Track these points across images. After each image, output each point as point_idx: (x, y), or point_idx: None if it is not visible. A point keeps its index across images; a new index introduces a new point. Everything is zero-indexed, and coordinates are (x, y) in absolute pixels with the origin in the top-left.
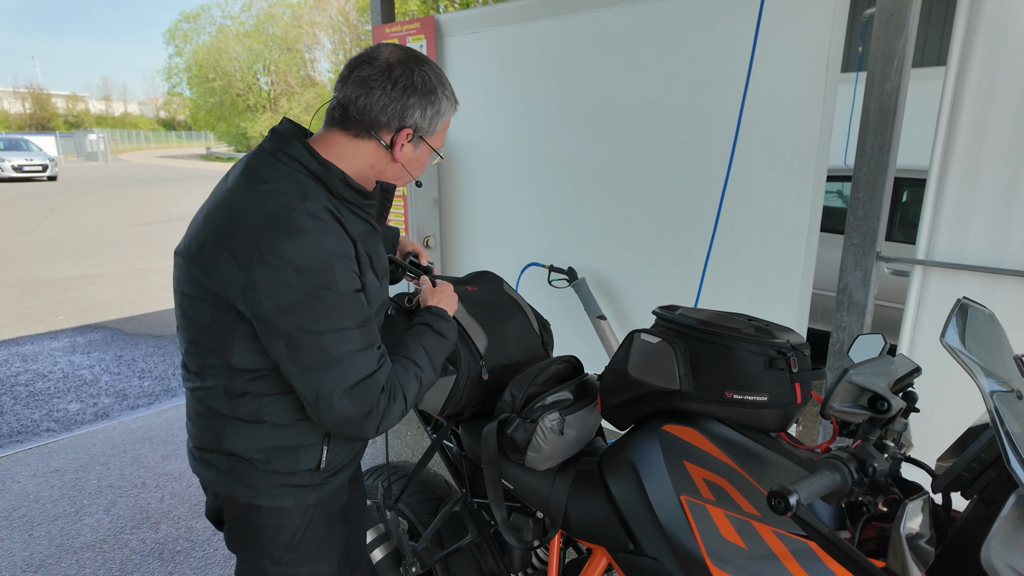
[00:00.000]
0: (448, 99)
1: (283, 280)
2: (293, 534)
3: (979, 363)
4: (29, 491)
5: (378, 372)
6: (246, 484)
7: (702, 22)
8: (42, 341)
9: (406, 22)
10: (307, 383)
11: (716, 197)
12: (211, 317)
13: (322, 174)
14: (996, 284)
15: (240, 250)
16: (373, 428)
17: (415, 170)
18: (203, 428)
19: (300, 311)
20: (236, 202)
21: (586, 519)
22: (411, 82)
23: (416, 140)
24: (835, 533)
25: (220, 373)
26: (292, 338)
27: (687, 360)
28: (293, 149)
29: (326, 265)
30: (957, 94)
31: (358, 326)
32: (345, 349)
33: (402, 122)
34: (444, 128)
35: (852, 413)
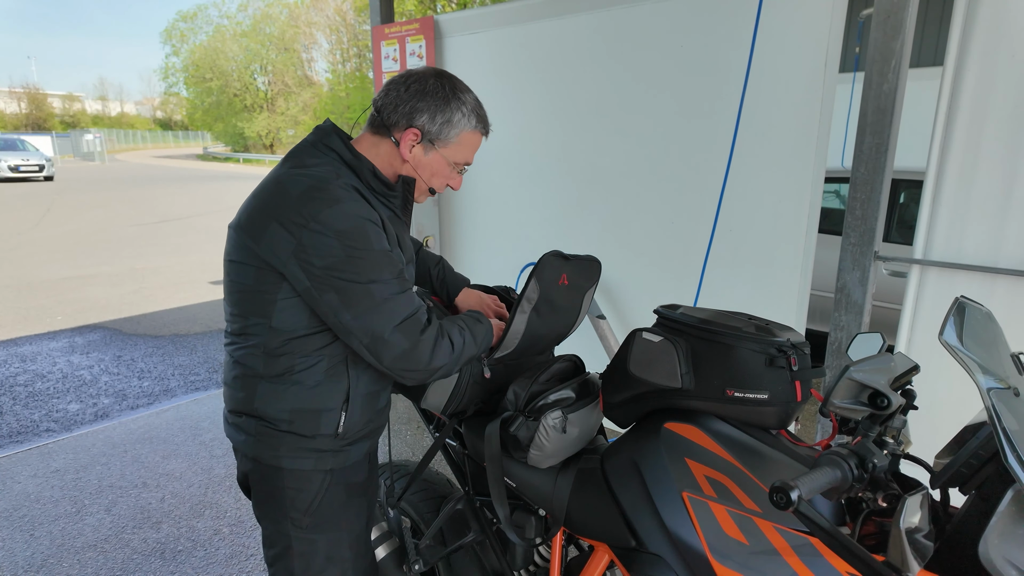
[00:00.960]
0: (465, 114)
1: (327, 243)
2: (312, 498)
3: (977, 361)
4: (30, 491)
5: (420, 311)
6: (270, 446)
7: (700, 23)
8: (41, 342)
9: (405, 23)
10: (361, 326)
11: (715, 197)
12: (255, 280)
13: (354, 164)
14: (992, 283)
15: (287, 218)
16: (425, 358)
17: (427, 176)
18: (238, 389)
19: (345, 268)
20: (281, 180)
21: (588, 516)
22: (424, 88)
23: (426, 144)
24: (836, 528)
25: (262, 332)
26: (342, 290)
27: (688, 358)
28: (331, 141)
29: (360, 229)
30: (954, 95)
31: (395, 277)
32: (387, 293)
33: (409, 122)
34: (464, 143)
35: (852, 409)
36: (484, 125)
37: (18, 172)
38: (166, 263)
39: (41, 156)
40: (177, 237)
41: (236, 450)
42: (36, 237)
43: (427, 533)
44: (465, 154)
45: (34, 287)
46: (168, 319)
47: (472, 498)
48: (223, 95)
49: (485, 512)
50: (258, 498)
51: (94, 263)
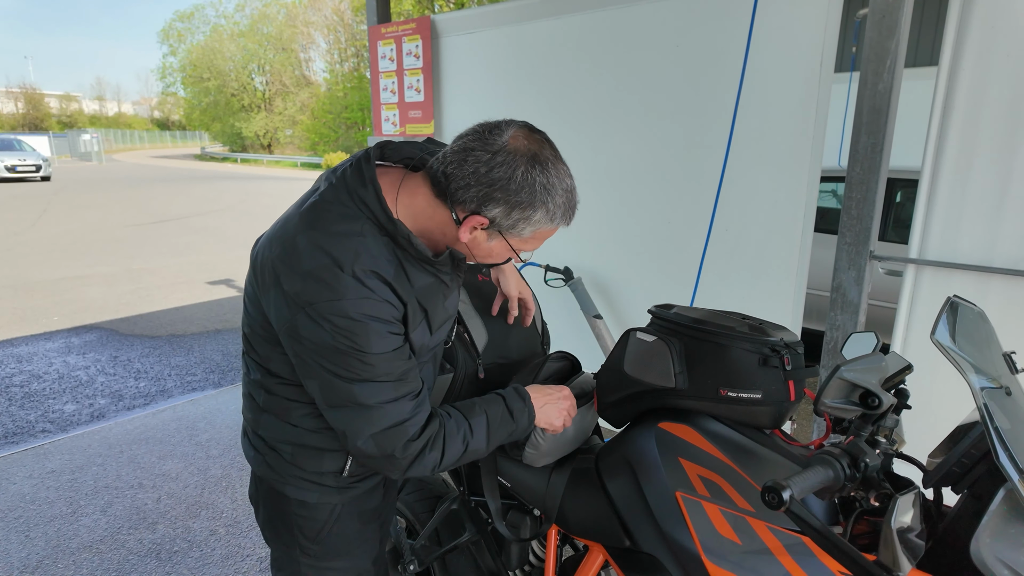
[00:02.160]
0: (549, 212)
1: (320, 334)
2: (321, 527)
3: (969, 360)
4: (25, 492)
5: (409, 422)
6: (275, 471)
7: (696, 22)
8: (37, 342)
9: (402, 22)
10: (336, 420)
11: (711, 197)
12: (260, 325)
13: (389, 228)
14: (987, 282)
15: (289, 293)
16: (400, 469)
17: (483, 256)
18: (247, 409)
19: (333, 360)
20: (297, 243)
21: (583, 516)
22: (508, 176)
23: (492, 232)
24: (828, 527)
25: (259, 369)
26: (324, 380)
27: (682, 358)
28: (366, 195)
29: (361, 329)
30: (949, 94)
31: (392, 380)
32: (375, 400)
33: (479, 209)
34: (538, 237)
35: (844, 409)
36: (567, 220)
37: (15, 172)
38: (163, 263)
39: (38, 156)
40: (174, 237)
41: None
42: (33, 237)
43: (422, 533)
44: (534, 245)
45: (30, 287)
46: (165, 319)
47: (467, 498)
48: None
49: (480, 512)
50: (266, 518)
51: (91, 263)
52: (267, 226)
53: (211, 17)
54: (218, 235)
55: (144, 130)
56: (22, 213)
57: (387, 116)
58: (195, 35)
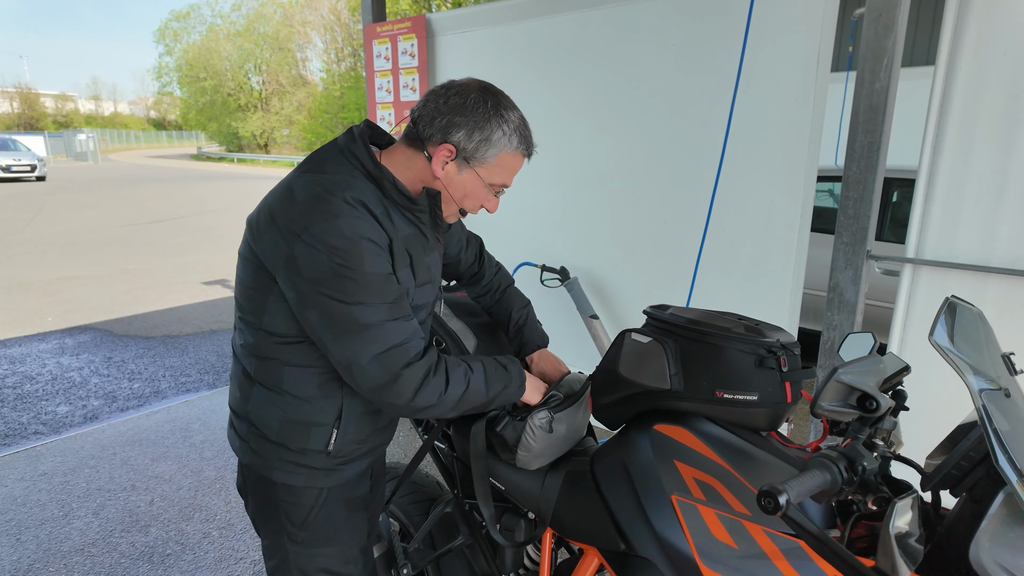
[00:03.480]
0: (506, 132)
1: (316, 257)
2: (307, 512)
3: (967, 361)
4: (17, 495)
5: (409, 343)
6: (261, 455)
7: (692, 22)
8: (30, 343)
9: (397, 21)
10: (340, 349)
11: (707, 196)
12: (252, 277)
13: (375, 174)
14: (984, 282)
15: (285, 226)
16: (407, 394)
17: (459, 196)
18: (236, 388)
19: (331, 285)
20: (292, 184)
21: (577, 519)
22: (463, 102)
23: (461, 162)
24: (824, 532)
25: (253, 332)
26: (324, 308)
27: (678, 359)
28: (357, 149)
29: (354, 247)
30: (946, 93)
31: (387, 302)
32: (373, 318)
33: (444, 137)
34: (502, 165)
35: (841, 412)
36: (527, 146)
37: (10, 172)
38: (158, 264)
39: (33, 156)
40: (170, 238)
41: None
42: (27, 237)
43: (416, 536)
44: (503, 176)
45: (24, 288)
46: (160, 320)
47: (461, 501)
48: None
49: (474, 515)
50: (255, 507)
51: (85, 264)
52: None
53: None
54: (214, 235)
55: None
56: (17, 213)
57: (382, 115)
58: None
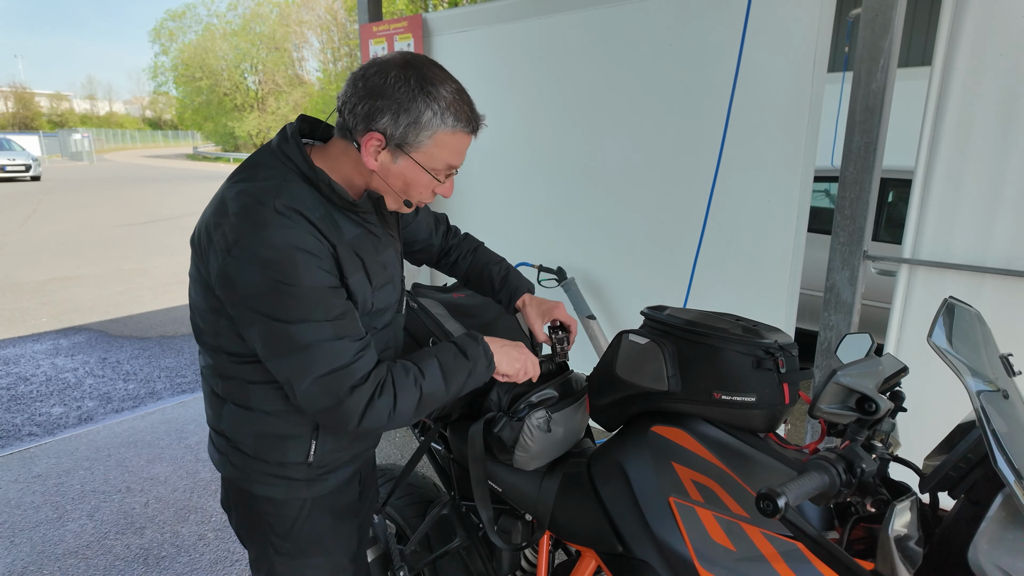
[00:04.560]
0: (436, 112)
1: (250, 272)
2: (291, 524)
3: (965, 363)
4: (11, 497)
5: (354, 364)
6: (240, 469)
7: (690, 22)
8: (24, 344)
9: (393, 21)
10: (278, 369)
11: (704, 197)
12: (203, 299)
13: (311, 176)
14: (981, 282)
15: (219, 242)
16: (353, 419)
17: (400, 187)
18: (208, 406)
19: (266, 301)
20: (225, 195)
21: (575, 521)
22: (381, 83)
23: (393, 150)
24: (823, 535)
25: (212, 353)
26: (261, 327)
27: (675, 361)
28: (289, 149)
29: (288, 259)
30: (942, 94)
31: (329, 320)
32: (312, 339)
33: (368, 126)
34: (442, 146)
35: (840, 415)
36: (467, 122)
37: (4, 172)
38: (154, 264)
39: (28, 156)
40: (165, 238)
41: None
42: (22, 237)
43: (412, 539)
44: (447, 158)
45: (19, 288)
46: (155, 321)
47: (458, 503)
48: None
49: (471, 517)
50: (238, 520)
51: (80, 264)
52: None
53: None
54: None
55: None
56: (11, 213)
57: None
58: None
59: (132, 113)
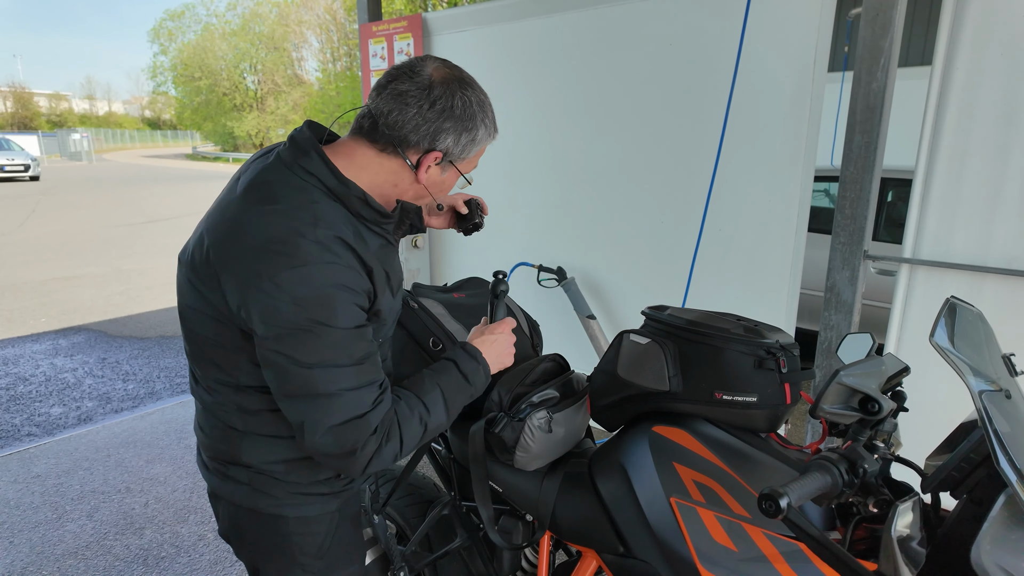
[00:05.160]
0: (487, 127)
1: (279, 310)
2: (322, 541)
3: (967, 362)
4: (10, 497)
5: (371, 413)
6: (269, 495)
7: (689, 21)
8: (24, 344)
9: (393, 20)
10: (292, 412)
11: (703, 196)
12: (214, 332)
13: (340, 192)
14: (981, 282)
15: (241, 272)
16: (359, 468)
17: (438, 193)
18: (217, 440)
19: (292, 343)
20: (243, 220)
21: (576, 521)
22: (450, 105)
23: (445, 164)
24: (825, 536)
25: (229, 390)
26: (281, 367)
27: (676, 361)
28: (310, 163)
29: (327, 299)
30: (942, 93)
31: (354, 363)
32: (335, 387)
33: (432, 144)
34: (478, 155)
35: (843, 415)
36: (496, 128)
37: (3, 172)
38: (153, 264)
39: (27, 156)
40: (164, 238)
41: (218, 497)
42: (21, 238)
43: (413, 539)
44: (474, 165)
45: (18, 288)
46: (154, 321)
47: (458, 503)
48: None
49: (472, 517)
50: (257, 549)
51: (80, 264)
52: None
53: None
54: None
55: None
56: (10, 213)
57: None
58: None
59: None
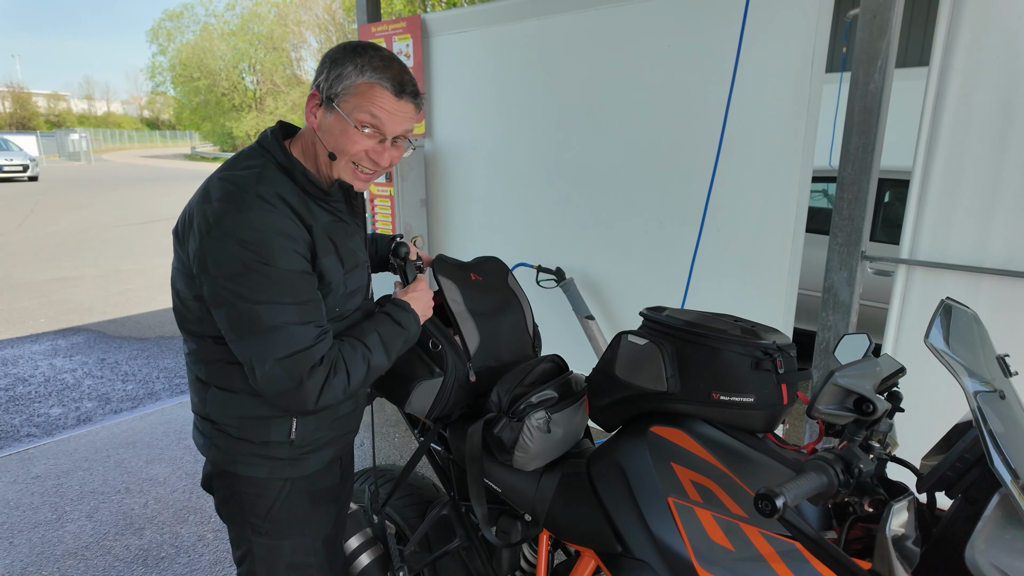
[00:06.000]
0: (358, 66)
1: (226, 251)
2: (271, 504)
3: (962, 363)
4: (9, 498)
5: (314, 347)
6: (224, 451)
7: (688, 22)
8: (23, 344)
9: (392, 21)
10: (241, 350)
11: (702, 197)
12: (186, 286)
13: (287, 166)
14: (978, 283)
15: (201, 224)
16: (310, 399)
17: (332, 142)
18: (193, 393)
19: (239, 280)
20: (209, 184)
21: (574, 521)
22: (329, 54)
23: (326, 106)
24: (821, 535)
25: (196, 339)
26: (231, 305)
27: (674, 361)
28: (268, 143)
29: (266, 241)
30: (940, 94)
31: (296, 303)
32: (279, 321)
33: (312, 86)
34: (359, 95)
35: (838, 415)
36: (389, 81)
37: (2, 172)
38: (152, 264)
39: (25, 156)
40: (163, 238)
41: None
42: (19, 238)
43: (412, 539)
44: (363, 106)
45: (17, 289)
46: (153, 321)
47: (458, 503)
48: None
49: (471, 517)
50: (220, 500)
51: (78, 264)
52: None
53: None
54: None
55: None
56: (9, 213)
57: None
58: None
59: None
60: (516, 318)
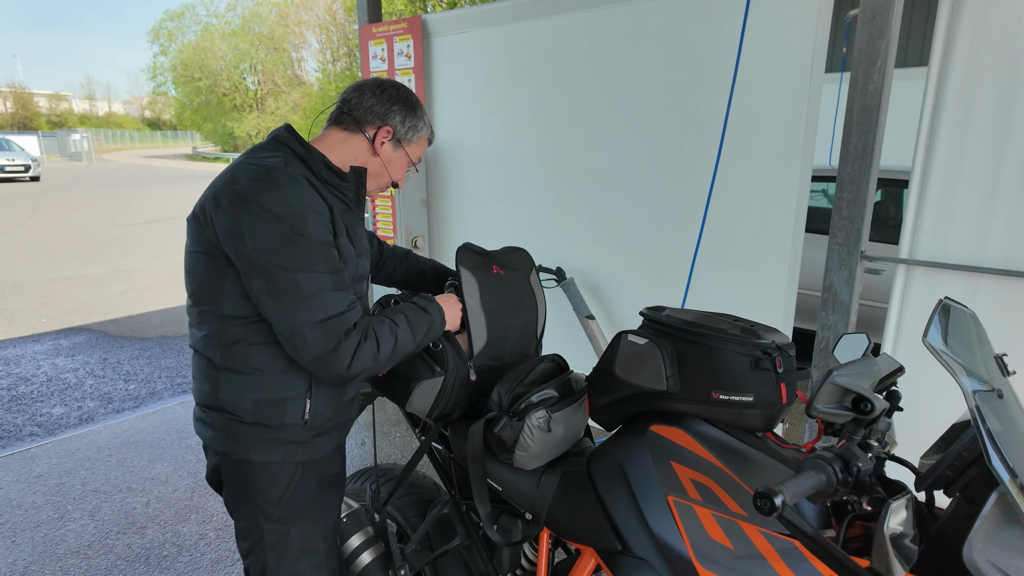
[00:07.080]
0: (425, 122)
1: (264, 225)
2: (283, 491)
3: (961, 363)
4: (12, 497)
5: (348, 313)
6: (238, 439)
7: (688, 23)
8: (24, 344)
9: (393, 22)
10: (282, 317)
11: (703, 197)
12: (206, 267)
13: (305, 156)
14: (977, 282)
15: (231, 202)
16: (345, 362)
17: (393, 171)
18: (203, 381)
19: (277, 251)
20: (233, 169)
21: (574, 519)
22: (396, 94)
23: (395, 142)
24: (820, 533)
25: (214, 321)
26: (269, 275)
27: (674, 361)
28: (283, 138)
29: (300, 215)
30: (939, 94)
31: (329, 272)
32: (315, 287)
33: (384, 121)
34: (420, 146)
35: (836, 414)
36: (432, 134)
37: (3, 172)
38: (153, 264)
39: (27, 156)
40: (165, 238)
41: (205, 447)
42: (21, 238)
43: (413, 537)
44: (418, 154)
45: (18, 289)
46: (155, 321)
47: (459, 502)
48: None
49: (472, 516)
50: (230, 492)
51: (80, 264)
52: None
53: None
54: None
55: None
56: (10, 213)
57: None
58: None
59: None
60: (528, 318)
